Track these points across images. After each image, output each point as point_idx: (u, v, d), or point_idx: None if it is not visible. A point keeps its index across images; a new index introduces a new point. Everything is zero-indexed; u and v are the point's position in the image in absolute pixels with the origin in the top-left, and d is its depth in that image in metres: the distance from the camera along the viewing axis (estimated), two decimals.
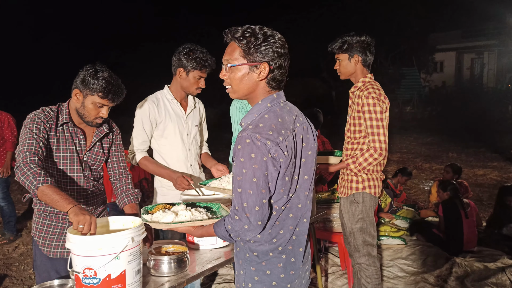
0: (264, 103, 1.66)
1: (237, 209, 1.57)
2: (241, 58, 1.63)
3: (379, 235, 4.78)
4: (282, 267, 1.68)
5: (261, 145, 1.52)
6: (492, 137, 11.78)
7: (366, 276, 2.93)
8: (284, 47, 1.64)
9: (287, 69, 1.69)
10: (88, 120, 2.18)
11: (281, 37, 1.65)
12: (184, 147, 2.88)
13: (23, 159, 1.99)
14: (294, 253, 1.72)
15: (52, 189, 1.91)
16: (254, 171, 1.53)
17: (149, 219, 1.86)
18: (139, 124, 2.77)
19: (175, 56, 2.76)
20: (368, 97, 2.77)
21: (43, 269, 2.25)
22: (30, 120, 2.14)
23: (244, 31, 1.62)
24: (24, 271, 4.36)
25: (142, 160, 2.77)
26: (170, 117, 2.81)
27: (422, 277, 3.93)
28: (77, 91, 2.15)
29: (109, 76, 2.12)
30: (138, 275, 1.88)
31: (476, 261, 4.13)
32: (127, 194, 2.39)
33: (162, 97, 2.84)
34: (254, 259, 1.68)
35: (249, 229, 1.58)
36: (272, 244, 1.67)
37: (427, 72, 23.61)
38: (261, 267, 1.67)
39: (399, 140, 12.41)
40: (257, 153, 1.52)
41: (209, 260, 2.26)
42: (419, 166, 9.08)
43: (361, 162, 2.82)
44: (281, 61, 1.63)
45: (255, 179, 1.54)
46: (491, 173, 8.30)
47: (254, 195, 1.55)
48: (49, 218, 2.26)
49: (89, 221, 1.81)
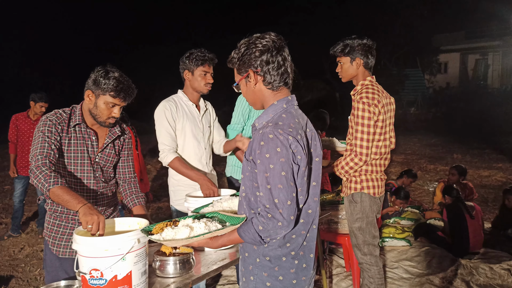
0: (280, 104, 1.68)
1: (268, 207, 1.55)
2: (237, 76, 1.73)
3: (383, 236, 4.77)
4: (294, 273, 1.68)
5: (283, 140, 1.54)
6: (497, 138, 11.75)
7: (368, 276, 2.96)
8: (269, 44, 1.63)
9: (284, 63, 1.66)
10: (101, 120, 2.22)
11: (270, 36, 1.65)
12: (200, 146, 3.02)
13: (35, 163, 2.05)
14: (306, 259, 1.72)
15: (63, 189, 1.95)
16: (282, 165, 1.53)
17: (161, 238, 1.73)
18: (164, 124, 2.88)
19: (180, 62, 2.97)
20: (359, 101, 2.80)
21: (52, 268, 2.29)
22: (42, 123, 2.18)
23: (232, 52, 1.71)
24: (30, 272, 4.38)
25: (175, 160, 2.84)
26: (187, 117, 2.96)
27: (427, 278, 3.91)
28: (89, 92, 2.19)
29: (120, 76, 2.17)
30: (144, 276, 1.89)
31: (482, 263, 4.12)
32: (137, 196, 2.46)
33: (178, 99, 3.00)
34: (267, 264, 1.67)
35: (283, 226, 1.55)
36: (285, 249, 1.66)
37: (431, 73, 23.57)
38: (273, 273, 1.67)
39: (404, 141, 12.39)
40: (282, 147, 1.54)
41: (214, 261, 2.27)
42: (424, 168, 9.06)
43: (343, 165, 2.90)
44: (266, 57, 1.63)
45: (283, 173, 1.53)
46: (496, 174, 8.27)
47: (285, 189, 1.53)
48: (59, 218, 2.29)
49: (97, 221, 1.83)
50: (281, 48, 1.65)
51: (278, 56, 1.64)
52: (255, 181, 1.65)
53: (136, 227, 2.05)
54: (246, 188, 1.72)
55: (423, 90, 22.23)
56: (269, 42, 1.63)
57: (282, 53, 1.65)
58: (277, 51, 1.64)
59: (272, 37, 1.64)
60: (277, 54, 1.64)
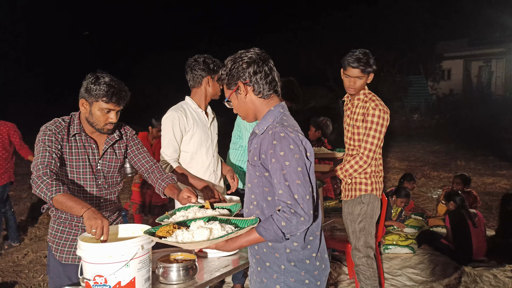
0: (277, 109, 1.74)
1: (290, 203, 1.57)
2: (227, 92, 1.79)
3: (386, 243, 4.76)
4: (317, 275, 1.73)
5: (295, 137, 1.60)
6: (501, 145, 11.69)
7: (365, 278, 3.03)
8: (254, 57, 1.71)
9: (271, 72, 1.74)
10: (98, 127, 2.21)
11: (254, 50, 1.73)
12: (209, 154, 3.00)
13: (36, 172, 2.05)
14: (323, 259, 1.78)
15: (66, 196, 1.95)
16: (297, 161, 1.58)
17: (178, 240, 1.68)
18: (169, 133, 2.85)
19: (196, 68, 2.88)
20: (375, 108, 2.89)
21: (55, 275, 2.29)
22: (42, 132, 2.18)
23: (221, 70, 1.79)
24: (33, 278, 4.39)
25: (176, 170, 2.83)
26: (198, 125, 2.94)
27: (430, 286, 3.90)
28: (83, 100, 2.19)
29: (110, 80, 2.15)
30: (148, 282, 1.90)
31: (486, 270, 4.10)
32: (162, 179, 2.41)
33: (187, 106, 2.96)
34: (293, 269, 1.69)
35: (305, 221, 1.59)
36: (307, 251, 1.70)
37: (435, 80, 23.53)
38: (300, 277, 1.69)
39: (407, 148, 12.34)
40: (294, 144, 1.60)
41: (217, 268, 2.27)
42: (427, 175, 9.02)
43: (347, 168, 2.96)
44: (253, 68, 1.71)
45: (299, 169, 1.58)
46: (500, 182, 8.22)
47: (302, 184, 1.58)
48: (63, 224, 2.30)
49: (101, 225, 1.83)
50: (266, 59, 1.75)
51: (264, 66, 1.73)
52: (266, 186, 1.68)
53: (139, 233, 2.06)
54: (256, 196, 1.74)
55: (426, 97, 22.19)
56: (254, 55, 1.72)
57: (268, 63, 1.75)
58: (263, 62, 1.73)
59: (256, 51, 1.74)
60: (263, 64, 1.72)
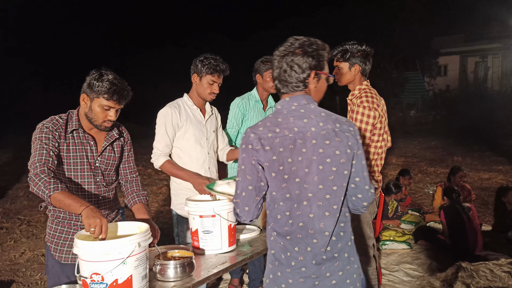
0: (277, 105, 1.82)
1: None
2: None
3: (383, 239, 4.78)
4: None
5: (244, 137, 1.69)
6: (497, 141, 11.72)
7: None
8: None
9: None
10: (97, 124, 2.21)
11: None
12: (203, 151, 3.00)
13: (33, 170, 2.04)
14: None
15: (64, 194, 1.95)
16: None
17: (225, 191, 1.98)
18: (162, 129, 2.89)
19: (192, 64, 2.94)
20: (360, 105, 2.82)
21: (54, 274, 2.29)
22: (39, 130, 2.17)
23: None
24: (31, 277, 4.38)
25: (165, 163, 2.88)
26: (191, 122, 2.95)
27: (427, 281, 3.92)
28: (84, 95, 2.19)
29: (113, 78, 2.16)
30: (145, 280, 1.90)
31: (482, 265, 4.11)
32: (137, 194, 2.46)
33: (182, 103, 3.00)
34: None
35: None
36: None
37: (431, 76, 23.57)
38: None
39: (404, 144, 12.37)
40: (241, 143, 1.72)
41: (215, 265, 2.28)
42: (424, 170, 9.05)
43: None
44: None
45: (243, 167, 1.67)
46: (496, 177, 8.25)
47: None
48: (61, 224, 2.29)
49: (100, 224, 1.83)
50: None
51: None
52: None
53: (136, 231, 2.06)
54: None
55: (423, 93, 22.24)
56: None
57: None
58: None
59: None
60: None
